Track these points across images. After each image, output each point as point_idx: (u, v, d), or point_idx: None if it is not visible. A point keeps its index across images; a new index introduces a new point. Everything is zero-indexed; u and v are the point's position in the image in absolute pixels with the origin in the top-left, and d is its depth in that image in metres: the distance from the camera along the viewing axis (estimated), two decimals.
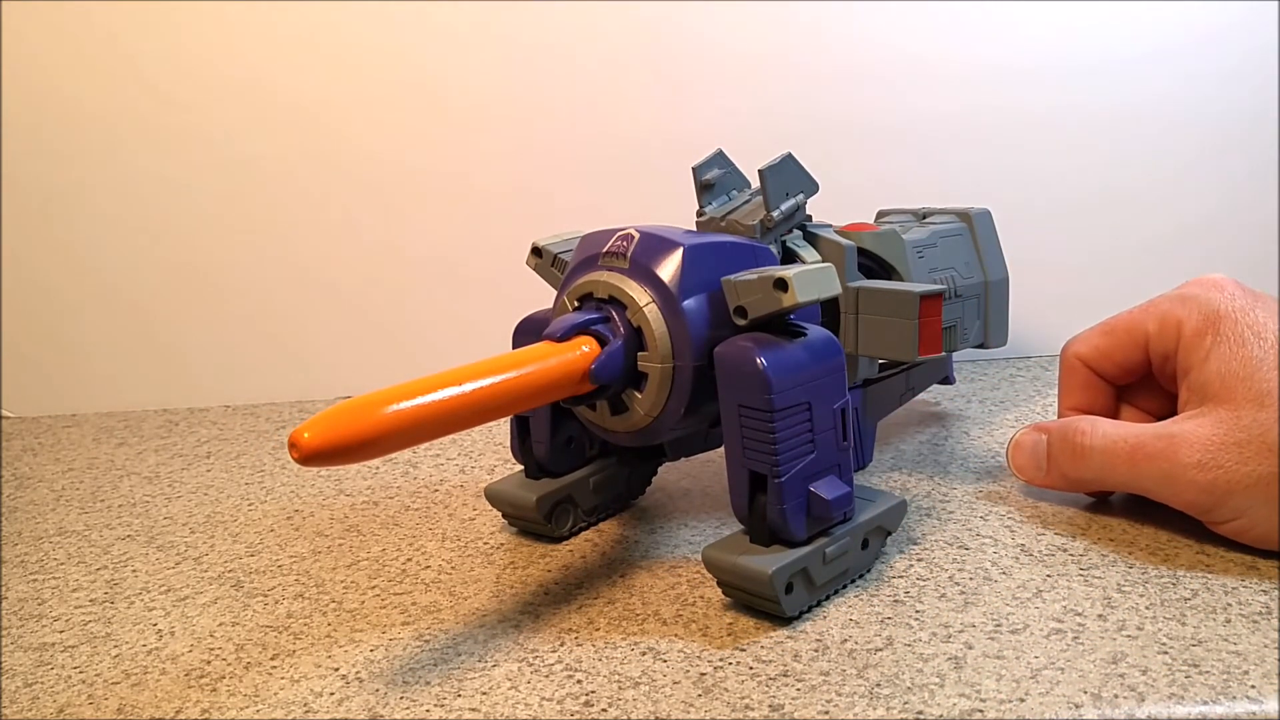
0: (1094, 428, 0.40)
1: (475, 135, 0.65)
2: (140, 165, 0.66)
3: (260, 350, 0.69)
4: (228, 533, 0.48)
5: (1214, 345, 0.38)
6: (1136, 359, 0.42)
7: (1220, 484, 0.36)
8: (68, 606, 0.41)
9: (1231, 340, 0.37)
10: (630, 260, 0.37)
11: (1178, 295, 0.41)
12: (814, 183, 0.42)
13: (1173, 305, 0.40)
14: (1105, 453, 0.39)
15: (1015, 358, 0.67)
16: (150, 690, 0.34)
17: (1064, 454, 0.41)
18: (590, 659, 0.34)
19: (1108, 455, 0.39)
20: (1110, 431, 0.39)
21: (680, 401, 0.36)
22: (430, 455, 0.56)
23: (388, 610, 0.39)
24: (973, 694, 0.31)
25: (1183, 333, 0.39)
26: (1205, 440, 0.36)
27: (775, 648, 0.34)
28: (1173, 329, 0.40)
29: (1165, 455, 0.37)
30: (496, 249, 0.66)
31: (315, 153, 0.66)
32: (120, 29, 0.64)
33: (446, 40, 0.64)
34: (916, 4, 0.63)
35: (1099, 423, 0.40)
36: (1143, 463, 0.38)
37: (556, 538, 0.44)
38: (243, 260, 0.68)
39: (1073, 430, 0.41)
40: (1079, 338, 0.44)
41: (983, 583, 0.38)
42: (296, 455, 0.28)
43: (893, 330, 0.41)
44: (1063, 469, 0.41)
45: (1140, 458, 0.38)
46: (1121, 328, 0.42)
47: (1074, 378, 0.44)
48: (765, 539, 0.36)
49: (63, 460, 0.60)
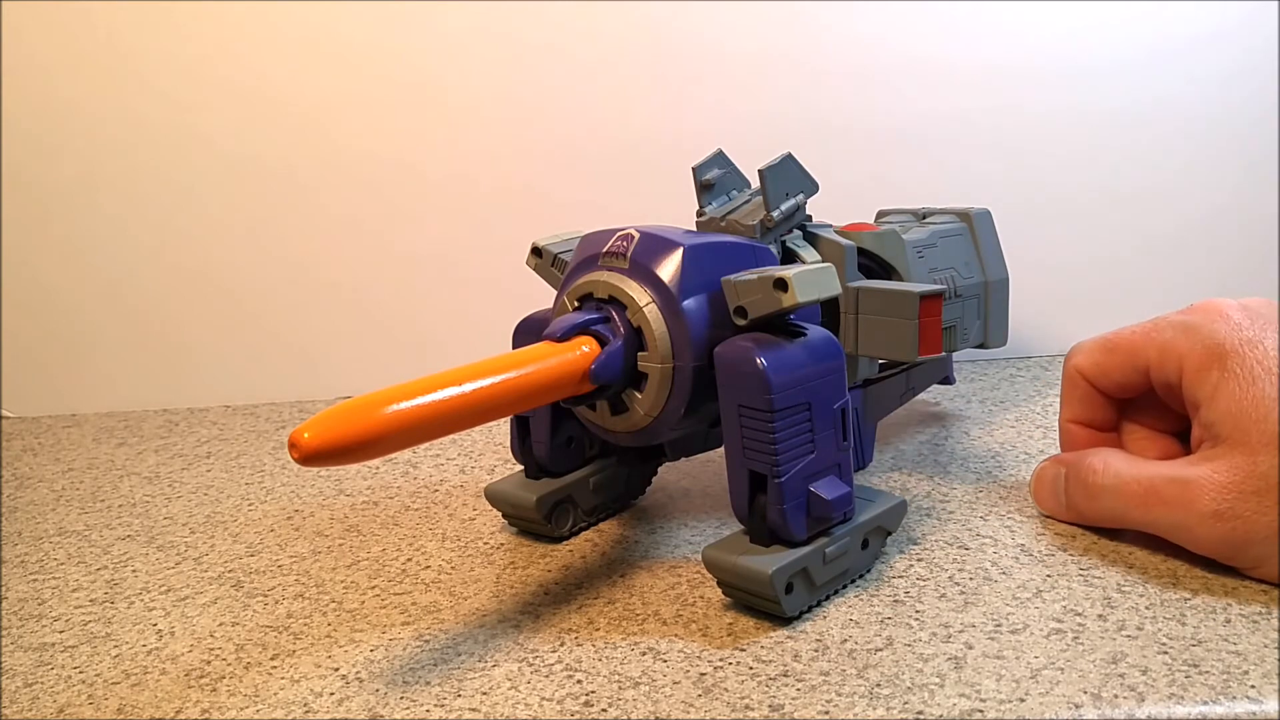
0: (1105, 466, 0.39)
1: (475, 135, 0.65)
2: (141, 165, 0.66)
3: (260, 350, 0.69)
4: (228, 533, 0.48)
5: (1221, 382, 0.36)
6: (1136, 381, 0.41)
7: (1239, 534, 0.34)
8: (68, 606, 0.41)
9: (1240, 377, 0.35)
10: (630, 260, 0.37)
11: (1181, 324, 0.39)
12: (814, 183, 0.42)
13: (1176, 335, 0.38)
14: (1117, 493, 0.38)
15: (1015, 358, 0.67)
16: (150, 690, 0.34)
17: (1077, 491, 0.40)
18: (590, 659, 0.34)
19: (1120, 496, 0.38)
20: (1123, 471, 0.38)
21: (680, 401, 0.36)
22: (430, 455, 0.56)
23: (388, 610, 0.39)
24: (973, 694, 0.31)
25: (1185, 367, 0.38)
26: (1221, 487, 0.35)
27: (775, 648, 0.34)
28: (1174, 361, 0.38)
29: (1180, 502, 0.36)
30: (496, 249, 0.66)
31: (315, 153, 0.66)
32: (120, 29, 0.64)
33: (446, 40, 0.64)
34: (917, 4, 0.63)
35: (1111, 461, 0.39)
36: (1156, 508, 0.37)
37: (556, 538, 0.44)
38: (243, 260, 0.68)
39: (1085, 468, 0.40)
40: (1082, 349, 0.42)
41: (983, 583, 0.38)
42: (296, 455, 0.28)
43: (893, 330, 0.41)
44: (1076, 506, 0.41)
45: (1154, 502, 0.37)
46: (1124, 348, 0.41)
47: (1074, 390, 0.43)
48: (765, 539, 0.36)
49: (63, 460, 0.60)
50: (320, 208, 0.67)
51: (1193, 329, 0.38)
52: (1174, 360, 0.38)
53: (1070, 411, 0.43)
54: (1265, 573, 0.35)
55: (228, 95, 0.65)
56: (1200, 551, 0.37)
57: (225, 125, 0.65)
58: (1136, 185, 0.66)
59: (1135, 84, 0.64)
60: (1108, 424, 0.43)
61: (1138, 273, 0.67)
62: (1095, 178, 0.66)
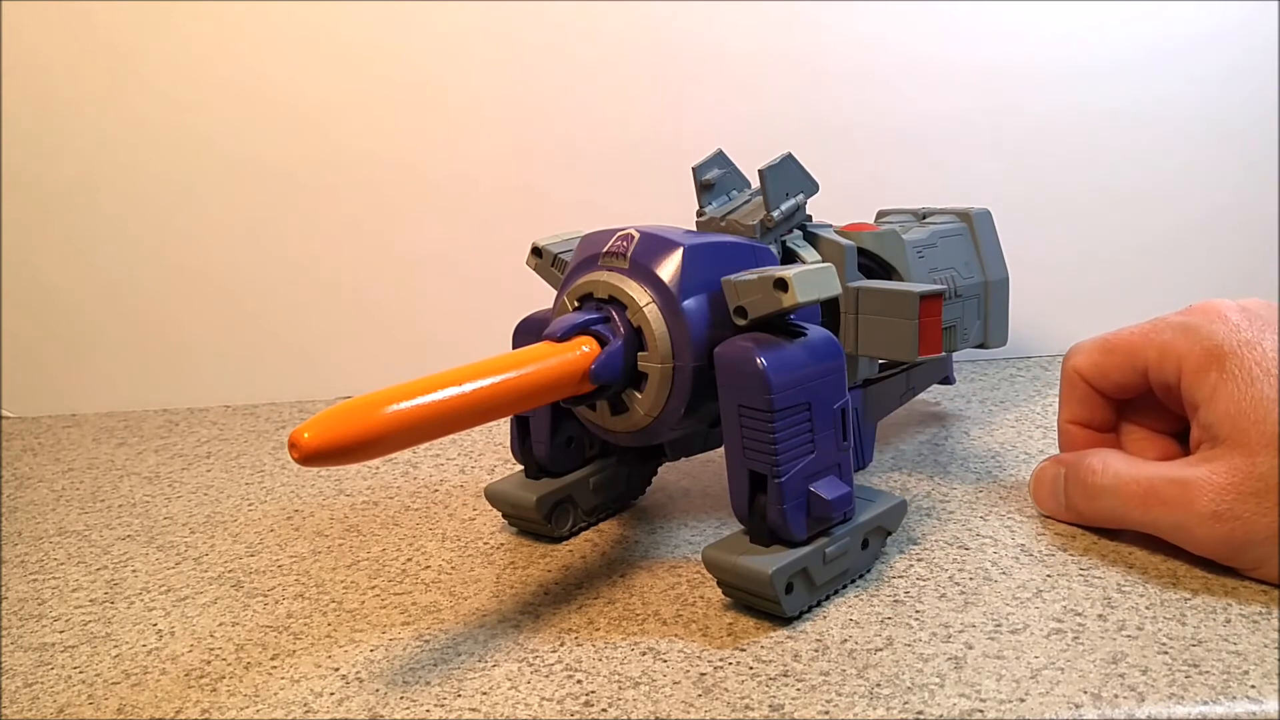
0: (1105, 466, 0.39)
1: (475, 135, 0.65)
2: (140, 165, 0.66)
3: (260, 350, 0.69)
4: (228, 533, 0.48)
5: (1220, 383, 0.36)
6: (1135, 381, 0.40)
7: (1239, 536, 0.34)
8: (68, 606, 0.41)
9: (1239, 379, 0.35)
10: (630, 260, 0.37)
11: (1180, 324, 0.39)
12: (814, 183, 0.42)
13: (1174, 336, 0.38)
14: (1116, 493, 0.38)
15: (1015, 358, 0.67)
16: (150, 690, 0.34)
17: (1076, 491, 0.40)
18: (590, 659, 0.34)
19: (1119, 496, 0.38)
20: (1122, 471, 0.38)
21: (680, 401, 0.36)
22: (430, 455, 0.56)
23: (388, 610, 0.39)
24: (973, 694, 0.31)
25: (1184, 368, 0.37)
26: (1220, 488, 0.35)
27: (775, 648, 0.34)
28: (1173, 362, 0.38)
29: (1179, 503, 0.36)
30: (496, 249, 0.66)
31: (315, 153, 0.66)
32: (120, 29, 0.64)
33: (446, 41, 0.64)
34: (917, 4, 0.63)
35: (1110, 461, 0.39)
36: (1156, 508, 0.37)
37: (556, 538, 0.44)
38: (243, 260, 0.68)
39: (1084, 468, 0.40)
40: (1081, 349, 0.42)
41: (983, 583, 0.38)
42: (296, 455, 0.28)
43: (893, 330, 0.41)
44: (1076, 506, 0.41)
45: (1153, 503, 0.37)
46: (1122, 348, 0.40)
47: (1073, 390, 0.43)
48: (765, 539, 0.36)
49: (63, 460, 0.60)
50: (320, 208, 0.67)
51: (1191, 330, 0.38)
52: (1172, 361, 0.38)
53: (1069, 412, 0.43)
54: (1265, 574, 0.35)
55: (227, 95, 0.65)
56: (1200, 552, 0.37)
57: (225, 125, 0.65)
58: (1136, 185, 0.66)
59: (1135, 84, 0.64)
60: (1106, 425, 0.43)
61: (1138, 273, 0.67)
62: (1095, 178, 0.66)
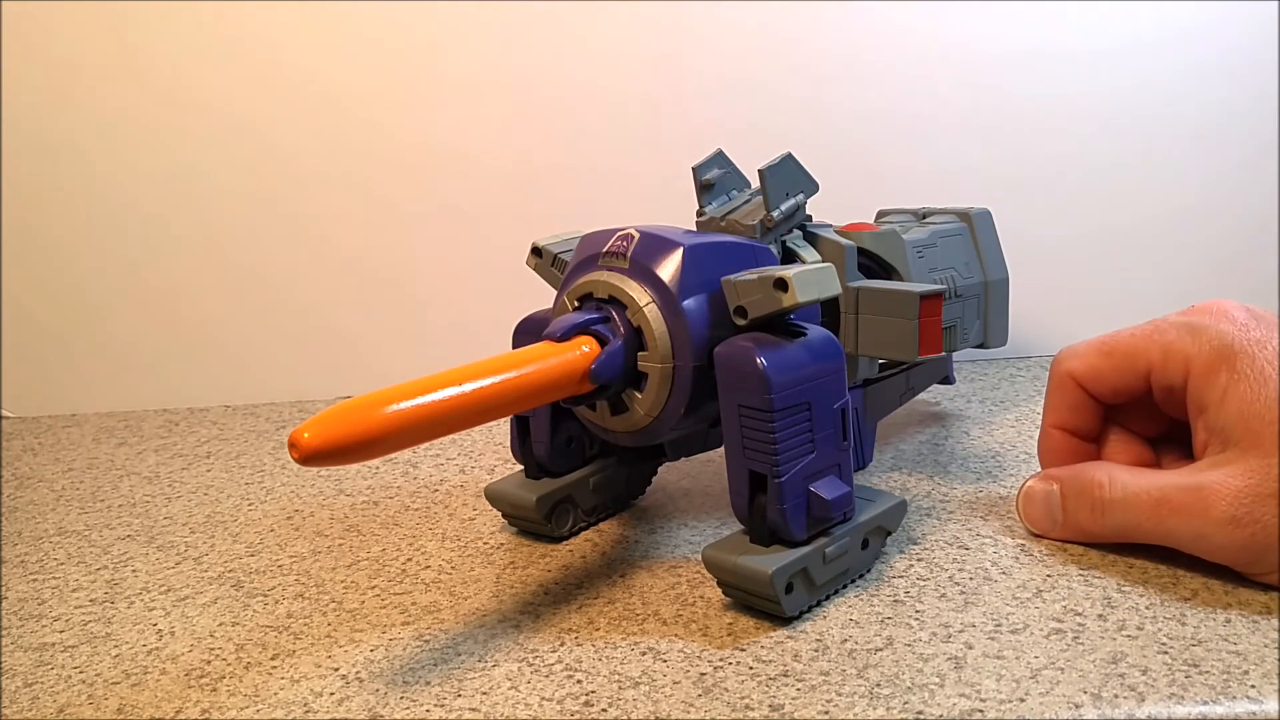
0: (1112, 480, 0.37)
1: (475, 135, 0.65)
2: (140, 165, 0.66)
3: (260, 350, 0.69)
4: (228, 533, 0.48)
5: (1231, 384, 0.35)
6: (1134, 385, 0.39)
7: (1259, 540, 0.33)
8: (68, 606, 0.41)
9: (1251, 379, 0.34)
10: (630, 260, 0.37)
11: (1185, 325, 0.37)
12: (814, 183, 0.42)
13: (1180, 336, 0.37)
14: (1127, 506, 0.37)
15: (1015, 358, 0.67)
16: (150, 690, 0.34)
17: (1081, 508, 0.39)
18: (590, 659, 0.34)
19: (1130, 509, 0.37)
20: (1130, 483, 0.37)
21: (680, 401, 0.36)
22: (430, 455, 0.56)
23: (388, 610, 0.39)
24: (973, 694, 0.31)
25: (1192, 369, 0.36)
26: (1237, 492, 0.34)
27: (775, 648, 0.34)
28: (1180, 363, 0.37)
29: (1194, 510, 0.34)
30: (496, 249, 0.66)
31: (315, 153, 0.66)
32: (120, 29, 0.64)
33: (446, 40, 0.64)
34: (917, 4, 0.63)
35: (1116, 474, 0.38)
36: (1169, 518, 0.35)
37: (556, 538, 0.44)
38: (242, 260, 0.68)
39: (1089, 483, 0.38)
40: (1074, 352, 0.40)
41: (983, 583, 0.38)
42: (296, 455, 0.28)
43: (893, 330, 0.41)
44: (1080, 523, 0.39)
45: (1166, 512, 0.35)
46: (1122, 351, 0.39)
47: (1064, 396, 0.41)
48: (765, 539, 0.36)
49: (63, 460, 0.60)
50: (320, 208, 0.67)
51: (1198, 330, 0.37)
52: (1179, 362, 0.37)
53: (1056, 417, 0.41)
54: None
55: (229, 96, 0.65)
56: (1218, 560, 0.35)
57: (226, 126, 0.65)
58: (1137, 185, 0.66)
59: (1136, 84, 0.64)
60: (1093, 432, 0.41)
61: (1138, 273, 0.67)
62: (1096, 178, 0.66)
